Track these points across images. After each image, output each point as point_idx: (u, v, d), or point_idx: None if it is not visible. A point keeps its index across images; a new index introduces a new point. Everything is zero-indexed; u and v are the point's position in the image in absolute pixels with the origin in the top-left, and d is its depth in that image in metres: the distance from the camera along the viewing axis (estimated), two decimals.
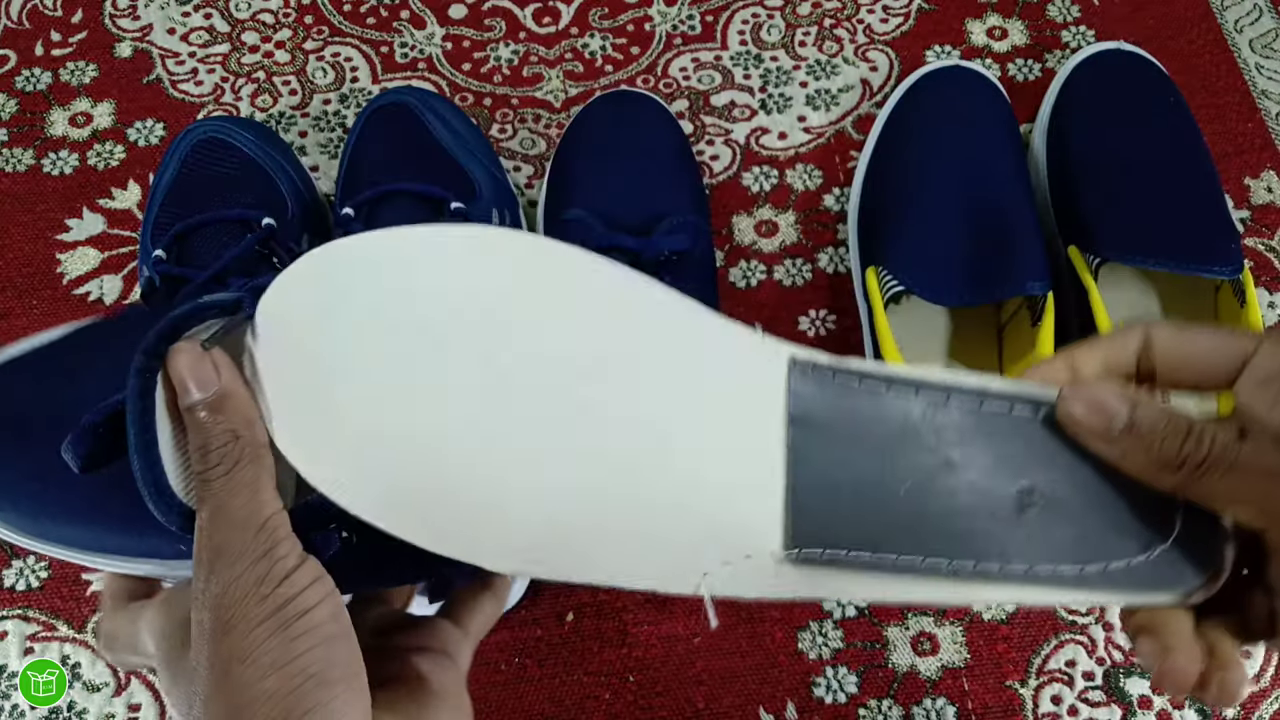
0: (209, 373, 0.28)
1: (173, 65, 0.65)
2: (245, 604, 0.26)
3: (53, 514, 0.34)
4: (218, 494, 0.27)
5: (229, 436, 0.28)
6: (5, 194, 0.61)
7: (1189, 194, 0.52)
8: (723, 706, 0.49)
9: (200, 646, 0.27)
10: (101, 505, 0.33)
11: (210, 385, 0.28)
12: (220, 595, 0.26)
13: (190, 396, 0.28)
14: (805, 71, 0.65)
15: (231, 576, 0.27)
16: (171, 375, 0.28)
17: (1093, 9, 0.67)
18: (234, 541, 0.27)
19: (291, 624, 0.26)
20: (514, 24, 0.67)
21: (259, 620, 0.26)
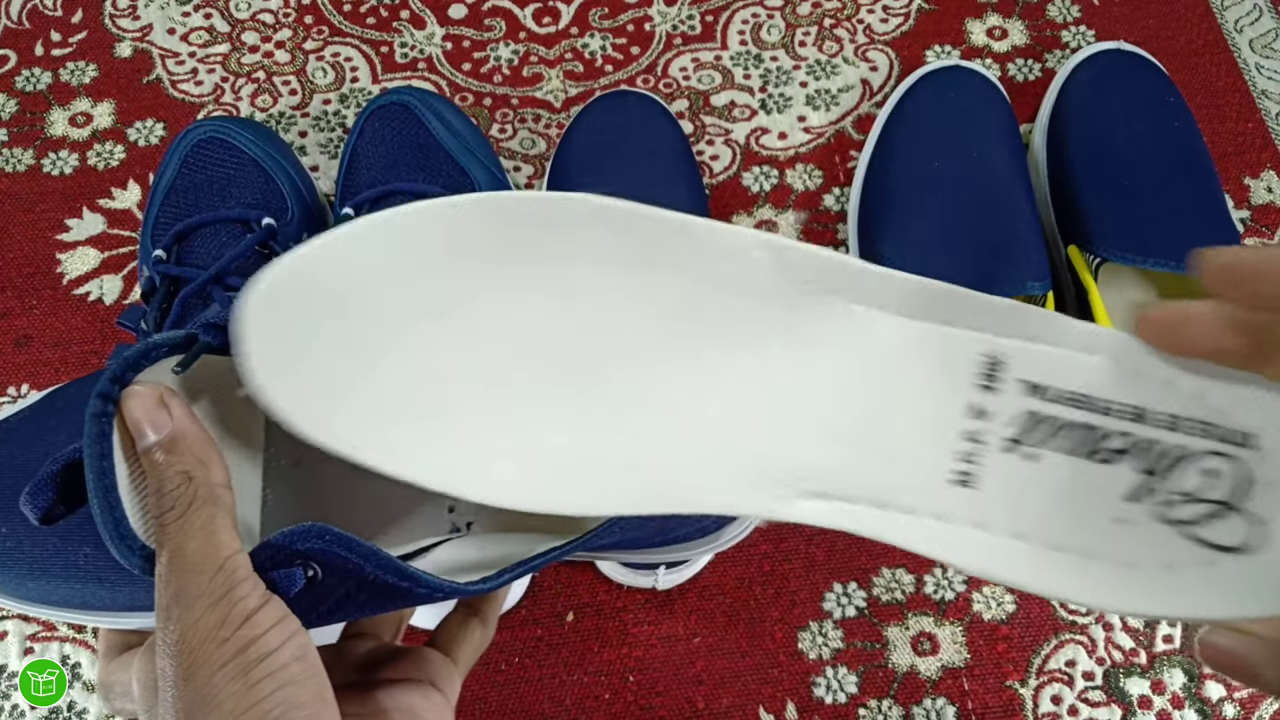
0: (162, 415, 0.28)
1: (173, 65, 0.65)
2: (205, 649, 0.26)
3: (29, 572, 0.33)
4: (174, 537, 0.27)
5: (182, 478, 0.27)
6: (5, 194, 0.61)
7: (1189, 194, 0.52)
8: (723, 706, 0.49)
9: (165, 695, 0.26)
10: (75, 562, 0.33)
11: (163, 427, 0.28)
12: (179, 641, 0.26)
13: (146, 439, 0.28)
14: (805, 71, 0.65)
15: (190, 620, 0.26)
16: (126, 419, 0.28)
17: (1093, 9, 0.67)
18: (191, 585, 0.26)
19: (253, 668, 0.26)
20: (514, 24, 0.67)
21: (219, 664, 0.26)
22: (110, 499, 0.27)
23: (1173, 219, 0.51)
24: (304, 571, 0.28)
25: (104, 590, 0.33)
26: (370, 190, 0.53)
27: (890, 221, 0.54)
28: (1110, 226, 0.52)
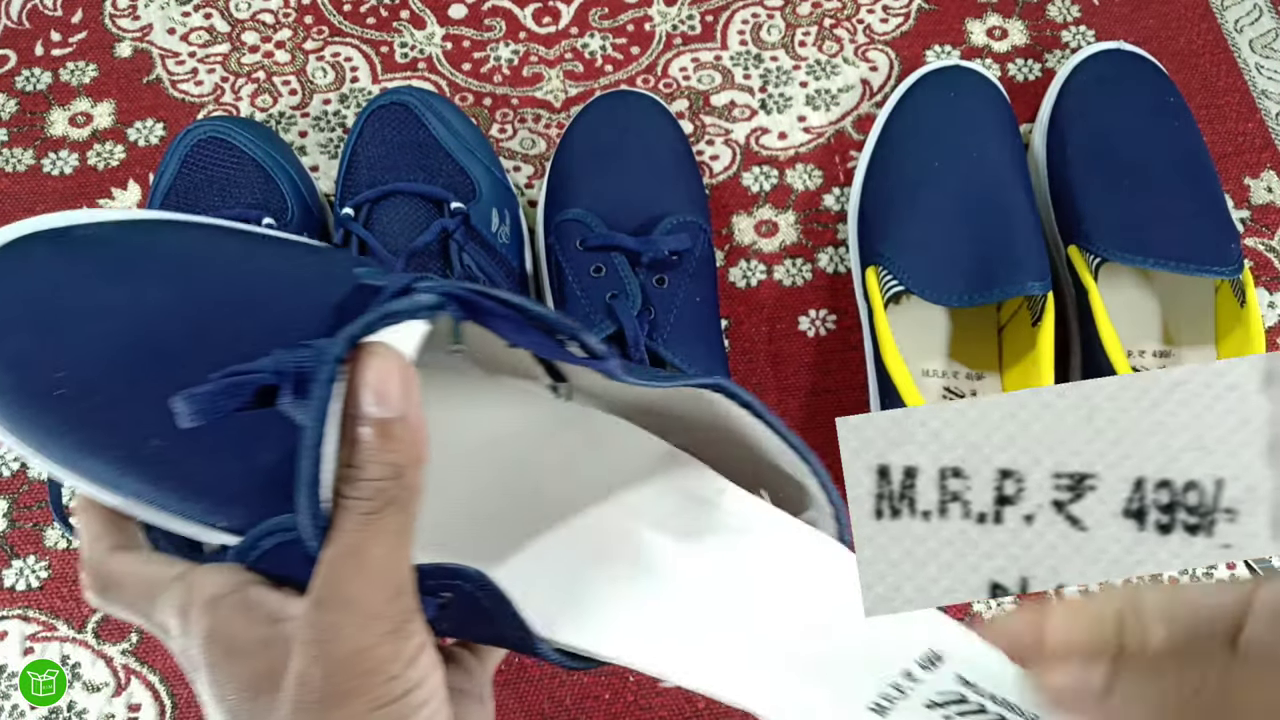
0: (396, 391, 0.24)
1: (173, 65, 0.65)
2: (368, 680, 0.23)
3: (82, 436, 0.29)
4: (359, 531, 0.24)
5: (391, 472, 0.24)
6: (5, 194, 0.61)
7: (1189, 194, 0.52)
8: (723, 707, 0.49)
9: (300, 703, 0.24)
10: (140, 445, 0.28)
11: (390, 405, 0.24)
12: (343, 662, 0.23)
13: (368, 409, 0.24)
14: (805, 71, 0.65)
15: (362, 644, 0.23)
16: (359, 378, 0.24)
17: (1093, 9, 0.67)
18: (369, 600, 0.24)
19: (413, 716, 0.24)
20: (514, 24, 0.67)
21: (378, 704, 0.23)
22: (315, 470, 0.24)
23: (1173, 219, 0.51)
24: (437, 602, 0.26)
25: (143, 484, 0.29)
26: (370, 190, 0.53)
27: (890, 221, 0.54)
28: (1110, 226, 0.52)
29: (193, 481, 0.28)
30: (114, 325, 0.28)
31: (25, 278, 0.29)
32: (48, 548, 0.52)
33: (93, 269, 0.30)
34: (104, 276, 0.29)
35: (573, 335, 0.28)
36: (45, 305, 0.29)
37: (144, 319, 0.28)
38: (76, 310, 0.29)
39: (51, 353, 0.28)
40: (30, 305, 0.29)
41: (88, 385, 0.28)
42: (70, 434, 0.28)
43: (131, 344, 0.28)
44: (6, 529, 0.52)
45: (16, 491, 0.53)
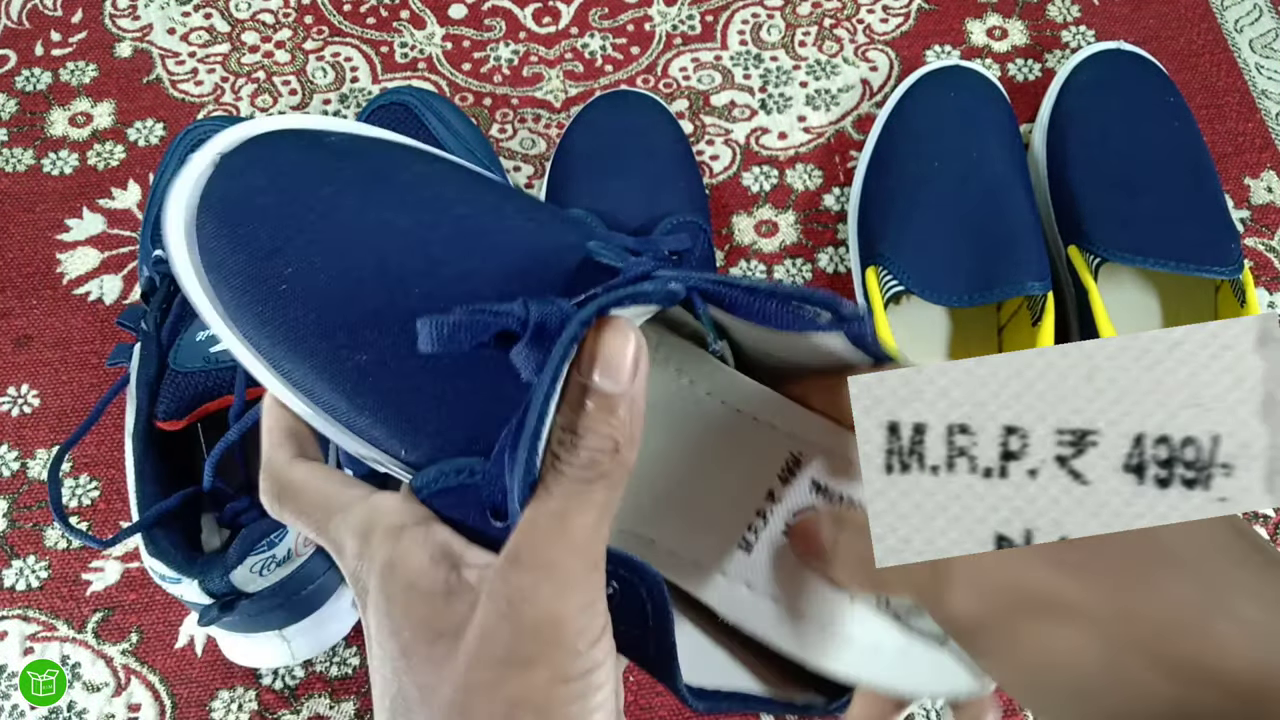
0: (627, 367, 0.24)
1: (173, 65, 0.65)
2: (557, 650, 0.23)
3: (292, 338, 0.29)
4: (566, 497, 0.24)
5: (609, 445, 0.24)
6: (5, 194, 0.61)
7: (1189, 194, 0.52)
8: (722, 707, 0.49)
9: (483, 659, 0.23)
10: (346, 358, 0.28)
11: (620, 381, 0.24)
12: (535, 626, 0.23)
13: (594, 378, 0.24)
14: (805, 71, 0.65)
15: (556, 610, 0.23)
16: (595, 347, 0.24)
17: (1093, 9, 0.67)
18: (567, 566, 0.24)
19: (590, 696, 0.24)
20: (514, 24, 0.67)
21: (565, 677, 0.23)
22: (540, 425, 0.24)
23: (1173, 219, 0.51)
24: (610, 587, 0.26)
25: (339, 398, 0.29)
26: None
27: (890, 221, 0.54)
28: (1110, 227, 0.52)
29: (387, 406, 0.28)
30: (350, 236, 0.28)
31: (277, 172, 0.29)
32: (48, 548, 0.52)
33: (341, 177, 0.30)
34: (350, 188, 0.29)
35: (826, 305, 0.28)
36: (286, 199, 0.29)
37: (381, 237, 0.28)
38: (317, 212, 0.29)
39: (285, 246, 0.28)
40: (272, 196, 0.29)
41: (312, 286, 0.28)
42: (282, 331, 0.28)
43: (364, 259, 0.28)
44: (6, 529, 0.52)
45: (16, 491, 0.53)
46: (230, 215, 0.29)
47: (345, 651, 0.50)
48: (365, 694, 0.49)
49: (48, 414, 0.55)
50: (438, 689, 0.24)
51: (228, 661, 0.49)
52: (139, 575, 0.51)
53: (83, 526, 0.52)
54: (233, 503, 0.45)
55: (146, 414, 0.45)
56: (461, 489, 0.26)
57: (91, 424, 0.46)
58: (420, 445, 0.28)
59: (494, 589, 0.24)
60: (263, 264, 0.28)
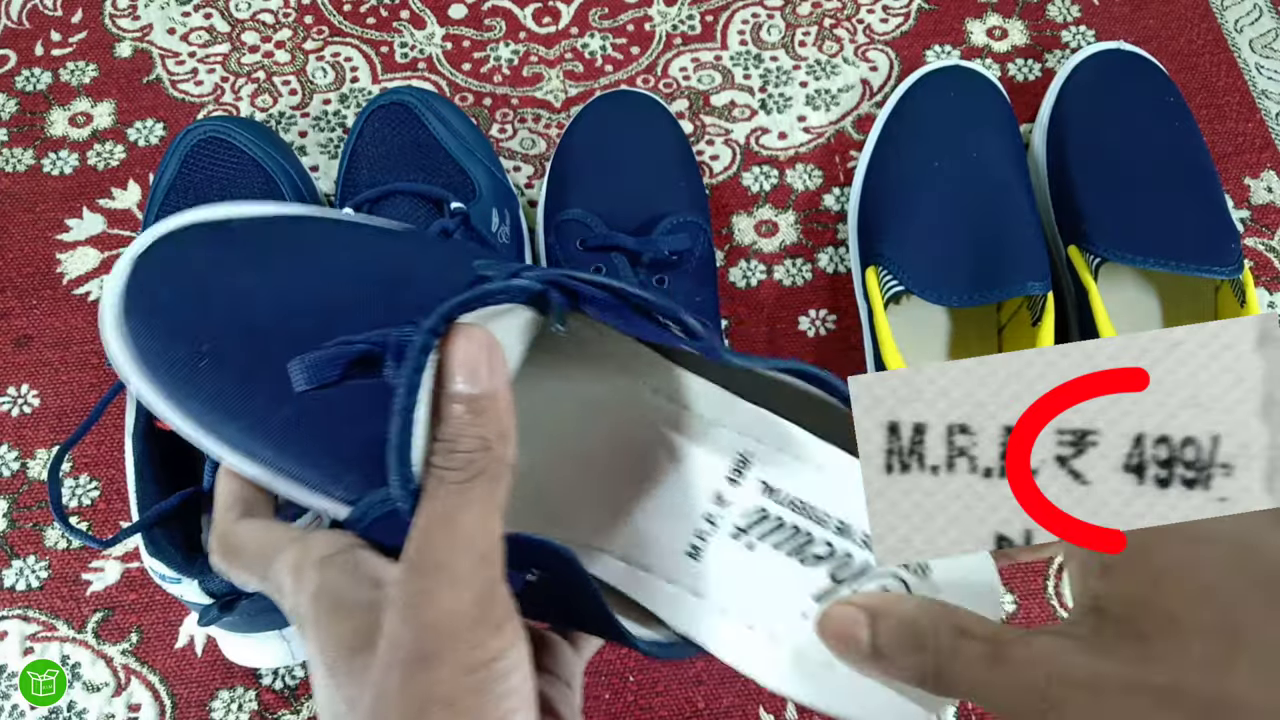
0: (483, 368, 0.26)
1: (173, 65, 0.65)
2: (456, 643, 0.24)
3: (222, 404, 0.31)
4: (448, 499, 0.25)
5: (480, 444, 0.26)
6: (5, 194, 0.61)
7: (1189, 194, 0.52)
8: (722, 706, 0.49)
9: (391, 663, 0.24)
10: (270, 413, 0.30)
11: (480, 381, 0.26)
12: (433, 624, 0.24)
13: (456, 387, 0.26)
14: (805, 71, 0.65)
15: (450, 607, 0.24)
16: (449, 356, 0.26)
17: (1093, 9, 0.67)
18: (456, 564, 0.24)
19: (497, 683, 0.24)
20: (514, 24, 0.67)
21: (468, 668, 0.24)
22: (405, 435, 0.26)
23: (1173, 219, 0.51)
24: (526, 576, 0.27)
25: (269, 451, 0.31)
26: (370, 190, 0.53)
27: (890, 221, 0.54)
28: (1110, 226, 0.52)
29: (315, 450, 0.29)
30: (254, 307, 0.31)
31: (188, 260, 0.32)
32: (48, 548, 0.52)
33: (242, 256, 0.32)
34: (251, 264, 0.32)
35: (673, 317, 0.29)
36: (200, 285, 0.31)
37: (282, 303, 0.31)
38: (225, 291, 0.31)
39: (202, 326, 0.31)
40: (189, 284, 0.31)
41: (227, 357, 0.30)
42: (212, 401, 0.31)
43: (268, 324, 0.30)
44: (6, 529, 0.52)
45: (16, 491, 0.53)
46: (149, 310, 0.31)
47: None
48: None
49: (48, 414, 0.55)
50: (360, 699, 0.25)
51: (228, 661, 0.49)
52: (139, 575, 0.51)
53: (83, 526, 0.52)
54: None
55: (146, 414, 0.45)
56: (388, 516, 0.28)
57: (91, 424, 0.46)
58: (351, 481, 0.29)
59: (395, 597, 0.25)
60: (185, 347, 0.31)
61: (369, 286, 0.31)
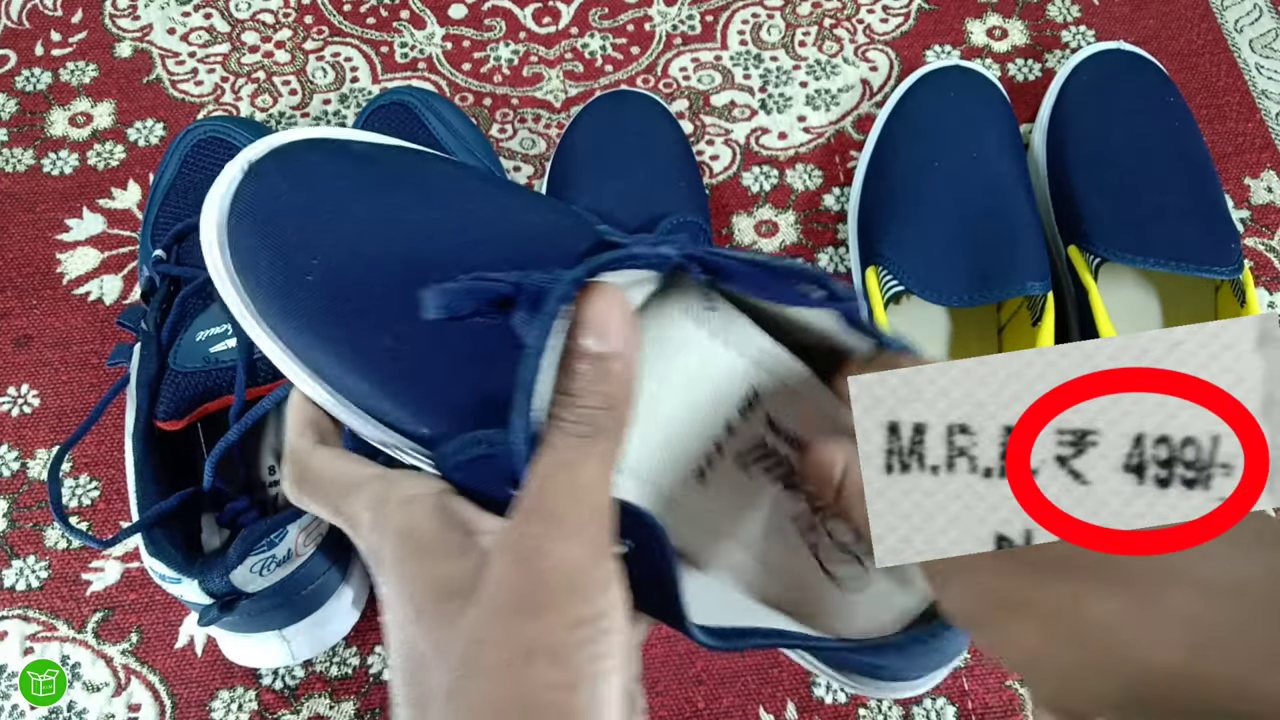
0: (617, 328, 0.26)
1: (173, 65, 0.65)
2: (568, 595, 0.24)
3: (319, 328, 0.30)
4: (570, 451, 0.25)
5: (604, 401, 0.26)
6: (5, 194, 0.61)
7: (1189, 194, 0.52)
8: (723, 706, 0.49)
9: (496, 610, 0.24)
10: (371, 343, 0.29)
11: (608, 341, 0.26)
12: (546, 573, 0.24)
13: (588, 342, 0.26)
14: (805, 71, 0.65)
15: (564, 558, 0.24)
16: (584, 312, 0.26)
17: (1093, 9, 0.67)
18: (573, 516, 0.25)
19: (601, 640, 0.24)
20: (514, 24, 0.67)
21: (577, 621, 0.24)
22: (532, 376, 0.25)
23: (1173, 219, 0.51)
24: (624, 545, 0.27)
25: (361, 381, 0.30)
26: None
27: (890, 221, 0.54)
28: (1110, 227, 0.52)
29: (411, 387, 0.29)
30: (372, 231, 0.30)
31: (304, 174, 0.31)
32: (48, 548, 0.52)
33: (366, 179, 0.31)
34: (372, 188, 0.31)
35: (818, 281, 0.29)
36: (311, 200, 0.30)
37: (401, 231, 0.30)
38: (341, 210, 0.30)
39: (311, 241, 0.30)
40: (298, 196, 0.30)
41: (336, 277, 0.29)
42: (308, 320, 0.30)
43: (385, 251, 0.29)
44: (6, 529, 0.52)
45: (16, 491, 0.53)
46: (259, 216, 0.30)
47: (345, 651, 0.50)
48: (365, 694, 0.49)
49: (48, 414, 0.55)
50: (450, 644, 0.25)
51: (228, 661, 0.49)
52: (139, 575, 0.51)
53: (83, 526, 0.52)
54: (233, 503, 0.45)
55: (146, 414, 0.45)
56: (482, 460, 0.27)
57: (91, 424, 0.46)
58: (443, 422, 0.29)
59: (506, 542, 0.25)
60: (289, 258, 0.30)
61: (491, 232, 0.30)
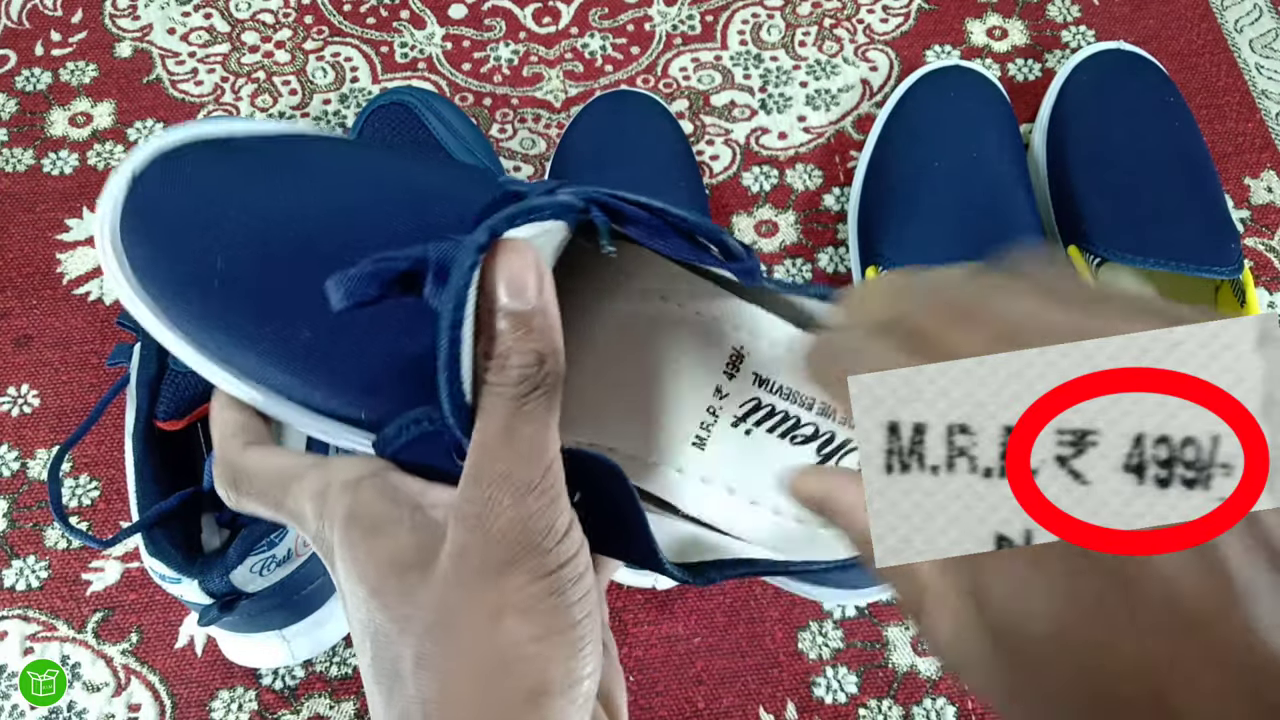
0: (532, 283, 0.25)
1: (173, 65, 0.65)
2: (527, 551, 0.24)
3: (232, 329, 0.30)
4: (509, 413, 0.25)
5: (533, 358, 0.25)
6: (5, 194, 0.61)
7: (1189, 194, 0.52)
8: (723, 706, 0.49)
9: (456, 576, 0.24)
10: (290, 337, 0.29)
11: (529, 297, 0.25)
12: (502, 533, 0.24)
13: (504, 302, 0.25)
14: (805, 71, 0.65)
15: (522, 515, 0.24)
16: (496, 272, 0.25)
17: (1093, 9, 0.67)
18: (521, 474, 0.24)
19: (566, 589, 0.24)
20: (514, 24, 0.67)
21: (539, 574, 0.24)
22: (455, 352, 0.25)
23: (1173, 219, 0.51)
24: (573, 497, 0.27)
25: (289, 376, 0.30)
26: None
27: (890, 221, 0.54)
28: (1110, 227, 0.52)
29: (340, 374, 0.29)
30: (272, 224, 0.29)
31: (186, 177, 0.30)
32: (48, 548, 0.52)
33: (255, 172, 0.31)
34: (265, 180, 0.31)
35: (714, 238, 0.29)
36: (202, 203, 0.30)
37: (299, 220, 0.29)
38: (239, 207, 0.30)
39: (211, 246, 0.29)
40: (196, 202, 0.30)
41: (244, 277, 0.29)
42: (224, 326, 0.29)
43: (288, 241, 0.29)
44: (6, 529, 0.52)
45: (16, 491, 0.53)
46: (153, 229, 0.30)
47: (345, 651, 0.50)
48: (365, 694, 0.49)
49: (48, 414, 0.55)
50: (414, 616, 0.25)
51: (228, 661, 0.49)
52: (139, 575, 0.51)
53: (83, 526, 0.52)
54: None
55: (146, 414, 0.45)
56: (424, 437, 0.27)
57: (91, 424, 0.46)
58: (379, 403, 0.29)
59: (459, 511, 0.25)
60: (193, 268, 0.29)
61: (390, 204, 0.30)
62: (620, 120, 0.58)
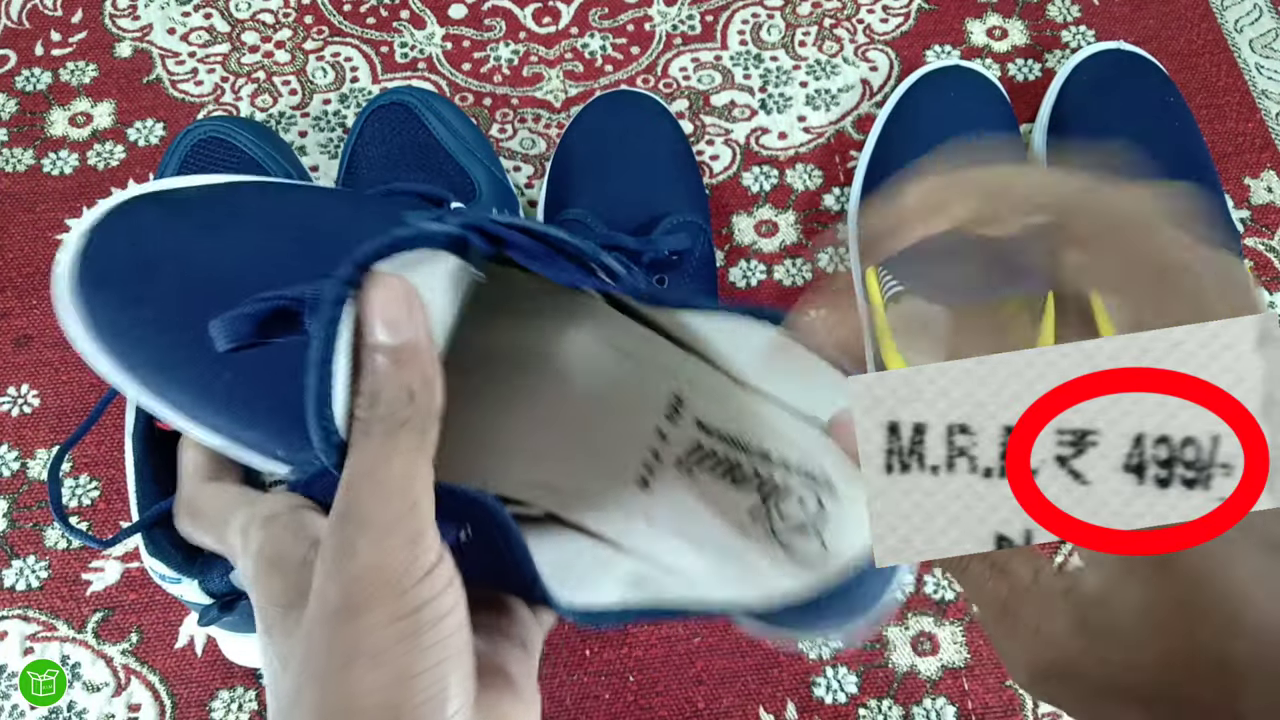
0: (403, 317, 0.25)
1: (173, 65, 0.65)
2: (382, 593, 0.24)
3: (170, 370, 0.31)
4: (375, 451, 0.25)
5: (403, 393, 0.25)
6: (5, 194, 0.61)
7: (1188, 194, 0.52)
8: (723, 706, 0.49)
9: (318, 617, 0.24)
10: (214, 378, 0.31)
11: (398, 331, 0.25)
12: (358, 575, 0.24)
13: (377, 337, 0.25)
14: (805, 71, 0.65)
15: (375, 559, 0.24)
16: (365, 308, 0.25)
17: (1093, 9, 0.67)
18: (381, 514, 0.24)
19: (425, 632, 0.24)
20: (514, 24, 0.67)
21: (393, 616, 0.24)
22: (323, 388, 0.25)
23: None
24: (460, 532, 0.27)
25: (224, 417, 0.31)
26: (370, 190, 0.53)
27: None
28: None
29: (260, 413, 0.30)
30: (194, 271, 0.31)
31: (135, 230, 0.32)
32: (48, 548, 0.52)
33: (185, 224, 0.32)
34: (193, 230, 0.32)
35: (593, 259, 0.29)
36: (146, 253, 0.32)
37: (220, 266, 0.31)
38: (168, 258, 0.31)
39: (147, 294, 0.31)
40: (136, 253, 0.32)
41: (171, 323, 0.31)
42: (159, 367, 0.31)
43: (207, 288, 0.31)
44: (6, 529, 0.52)
45: (16, 491, 0.53)
46: (100, 281, 0.31)
47: None
48: None
49: (48, 414, 0.55)
50: (292, 655, 0.25)
51: (228, 661, 0.49)
52: (139, 575, 0.51)
53: (83, 526, 0.52)
54: None
55: (146, 414, 0.45)
56: (321, 474, 0.28)
57: (91, 424, 0.46)
58: (289, 441, 0.30)
59: (322, 551, 0.25)
60: (132, 315, 0.31)
61: (297, 244, 0.31)
62: (620, 120, 0.58)
